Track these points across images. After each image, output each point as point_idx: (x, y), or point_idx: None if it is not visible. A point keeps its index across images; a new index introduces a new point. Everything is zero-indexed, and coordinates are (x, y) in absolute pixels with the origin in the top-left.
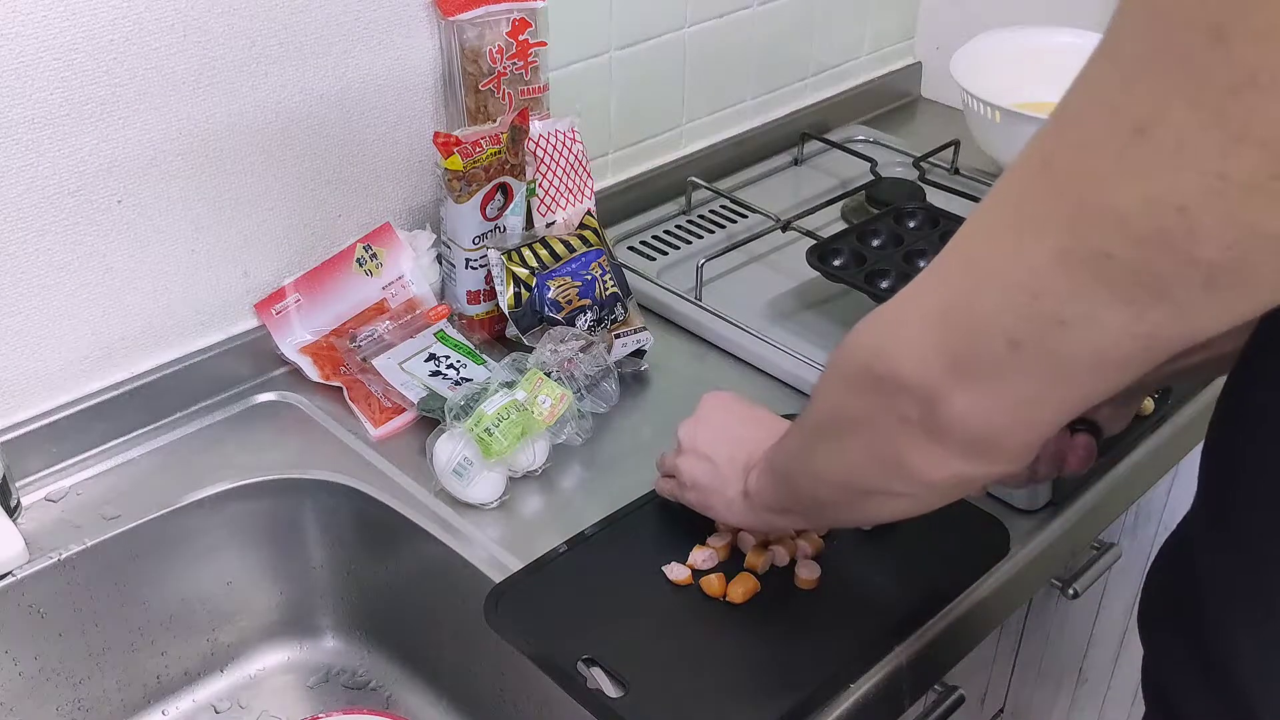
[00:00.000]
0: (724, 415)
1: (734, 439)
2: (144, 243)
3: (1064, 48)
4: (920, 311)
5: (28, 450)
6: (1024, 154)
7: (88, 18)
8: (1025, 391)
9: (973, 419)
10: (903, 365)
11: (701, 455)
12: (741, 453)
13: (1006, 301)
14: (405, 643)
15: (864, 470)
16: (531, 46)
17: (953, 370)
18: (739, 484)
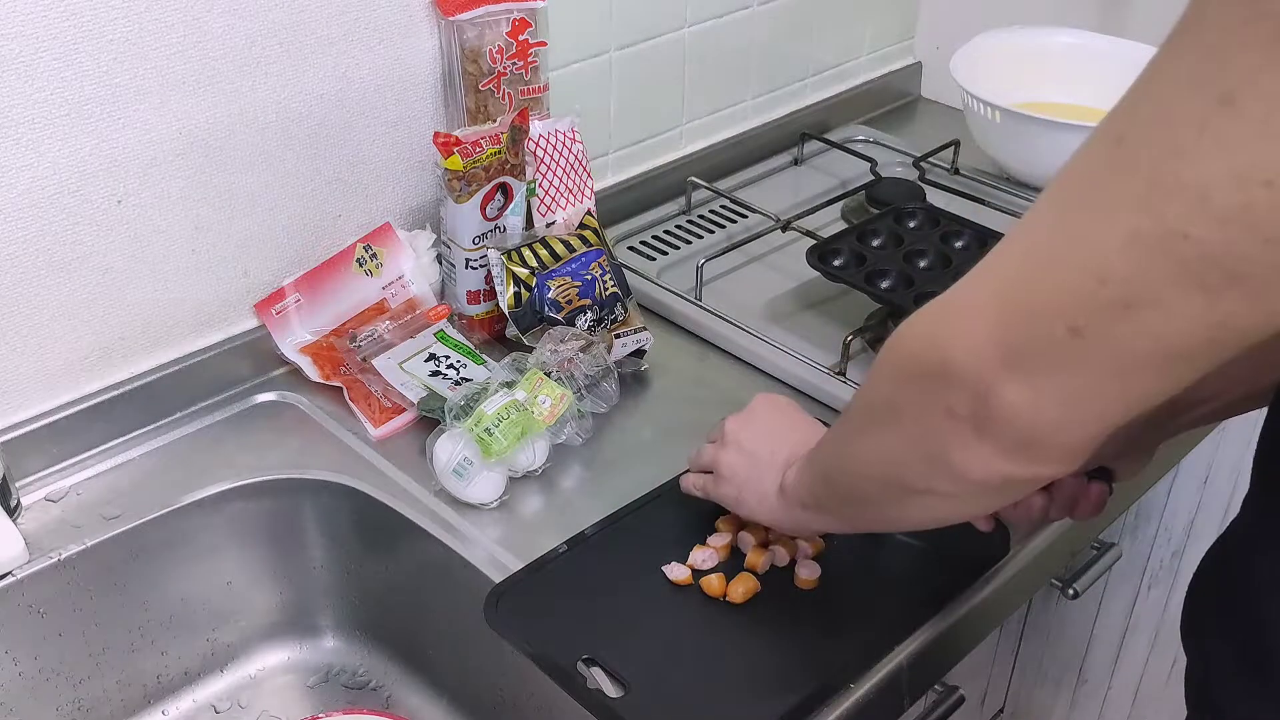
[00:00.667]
0: (774, 414)
1: (780, 437)
2: (144, 243)
3: (1064, 48)
4: (975, 299)
5: (28, 450)
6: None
7: (88, 17)
8: (1082, 384)
9: (1023, 413)
10: (954, 353)
11: (745, 449)
12: (784, 450)
13: (1070, 286)
14: (405, 643)
15: (906, 465)
16: (531, 46)
17: (1006, 360)
18: (776, 479)
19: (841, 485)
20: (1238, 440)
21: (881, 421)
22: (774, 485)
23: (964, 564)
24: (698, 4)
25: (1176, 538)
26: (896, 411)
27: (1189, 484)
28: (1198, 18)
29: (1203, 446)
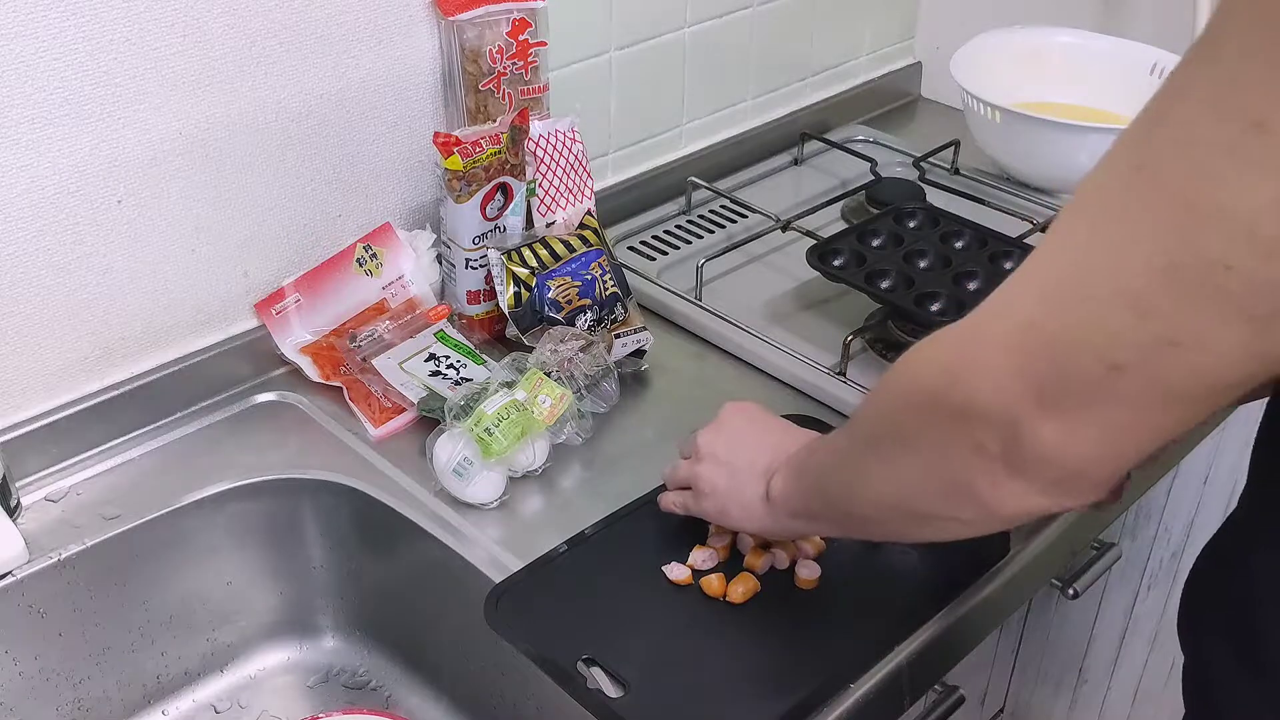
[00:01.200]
0: (744, 422)
1: (755, 445)
2: (144, 243)
3: (1064, 48)
4: (997, 332)
5: (28, 450)
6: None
7: (88, 17)
8: (1121, 419)
9: (1059, 450)
10: (979, 391)
11: (721, 461)
12: (762, 458)
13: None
14: (405, 643)
15: (924, 497)
16: (531, 46)
17: (1039, 398)
18: (758, 487)
19: (842, 503)
20: (1238, 440)
21: (893, 449)
22: (757, 494)
23: (964, 564)
24: (698, 4)
25: (1176, 538)
26: (911, 442)
27: (1189, 484)
28: (1215, 42)
29: (1203, 446)
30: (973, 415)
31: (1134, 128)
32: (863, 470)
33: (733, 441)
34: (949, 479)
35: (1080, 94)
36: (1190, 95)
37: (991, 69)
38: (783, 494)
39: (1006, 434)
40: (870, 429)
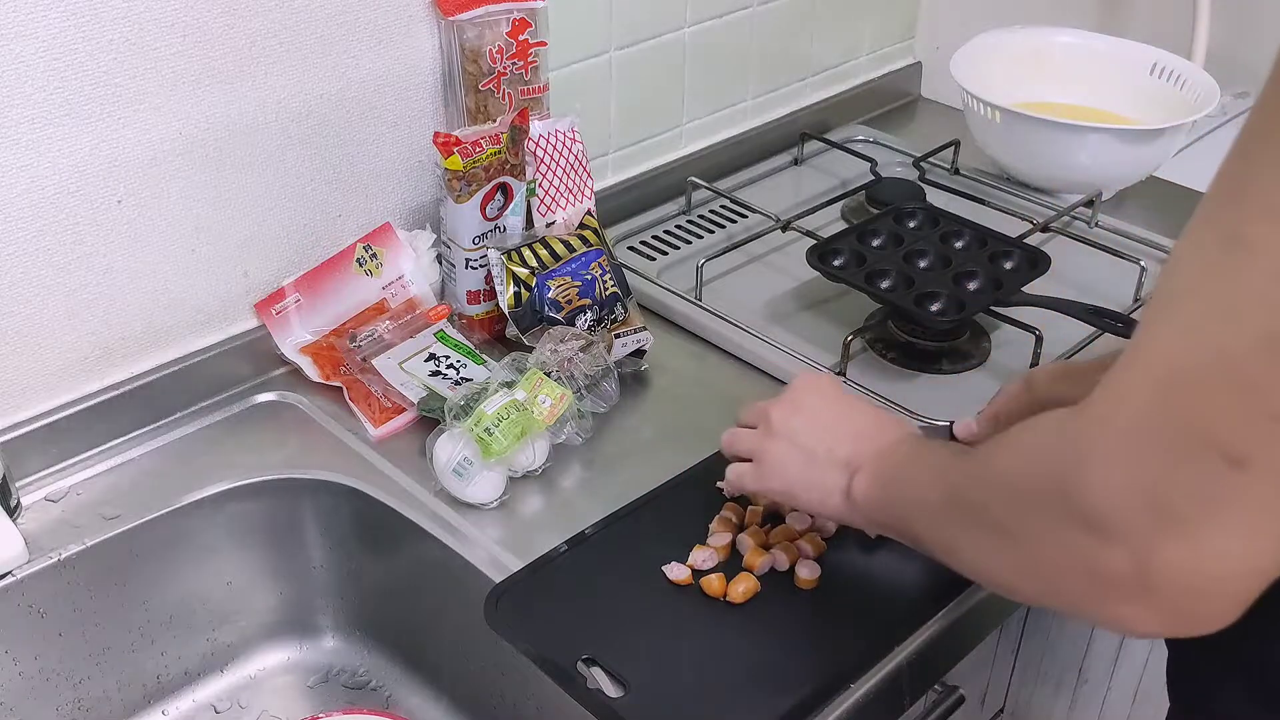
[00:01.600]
0: (821, 402)
1: (835, 431)
2: (144, 243)
3: (1064, 48)
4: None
5: (28, 450)
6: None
7: (87, 18)
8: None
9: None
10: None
11: (797, 444)
12: (843, 447)
13: (1219, 407)
14: (405, 643)
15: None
16: (531, 46)
17: (1160, 512)
18: (839, 480)
19: (932, 551)
20: None
21: (994, 539)
22: (837, 486)
23: None
24: (698, 4)
25: None
26: (1018, 540)
27: None
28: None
29: None
30: (1091, 534)
31: (1214, 198)
32: (956, 543)
33: (809, 423)
34: (1057, 588)
35: (1080, 94)
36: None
37: (991, 69)
38: (866, 500)
39: (1130, 559)
40: (968, 509)
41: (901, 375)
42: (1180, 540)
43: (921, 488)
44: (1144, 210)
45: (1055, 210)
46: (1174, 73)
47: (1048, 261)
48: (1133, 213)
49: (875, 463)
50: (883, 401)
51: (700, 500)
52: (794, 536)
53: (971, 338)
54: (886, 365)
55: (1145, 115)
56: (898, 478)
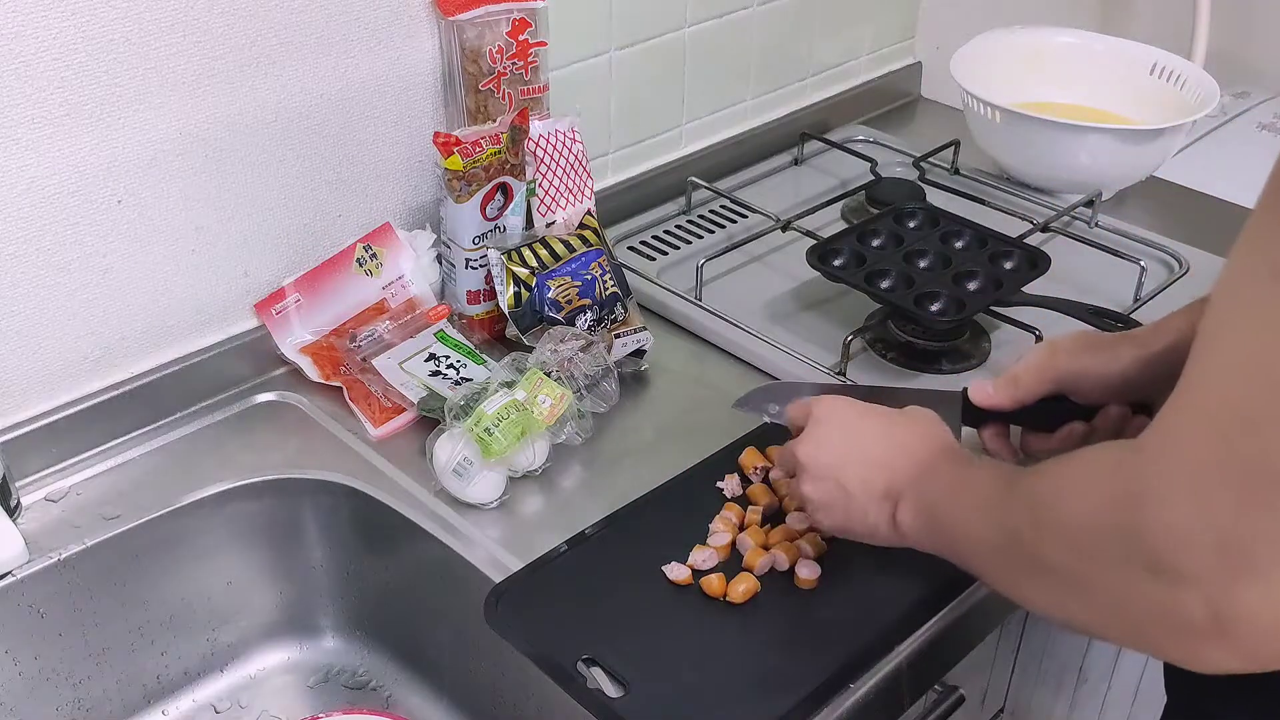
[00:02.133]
0: (840, 432)
1: (863, 461)
2: (144, 243)
3: (1064, 48)
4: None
5: (28, 450)
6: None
7: (87, 18)
8: None
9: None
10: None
11: (831, 480)
12: (877, 477)
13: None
14: (405, 643)
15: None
16: (531, 46)
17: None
18: (882, 511)
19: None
20: None
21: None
22: (882, 519)
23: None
24: (698, 4)
25: None
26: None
27: None
28: None
29: None
30: (1164, 582)
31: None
32: (1022, 589)
33: (838, 457)
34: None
35: (1080, 94)
36: None
37: (991, 69)
38: (916, 534)
39: (1207, 606)
40: (1030, 557)
41: (901, 375)
42: (1256, 584)
43: (973, 526)
44: (1144, 210)
45: (1055, 210)
46: (1174, 73)
47: (1048, 261)
48: (1133, 213)
49: (915, 491)
50: None
51: (700, 500)
52: (794, 536)
53: (971, 338)
54: (886, 365)
55: (1145, 115)
56: (945, 512)
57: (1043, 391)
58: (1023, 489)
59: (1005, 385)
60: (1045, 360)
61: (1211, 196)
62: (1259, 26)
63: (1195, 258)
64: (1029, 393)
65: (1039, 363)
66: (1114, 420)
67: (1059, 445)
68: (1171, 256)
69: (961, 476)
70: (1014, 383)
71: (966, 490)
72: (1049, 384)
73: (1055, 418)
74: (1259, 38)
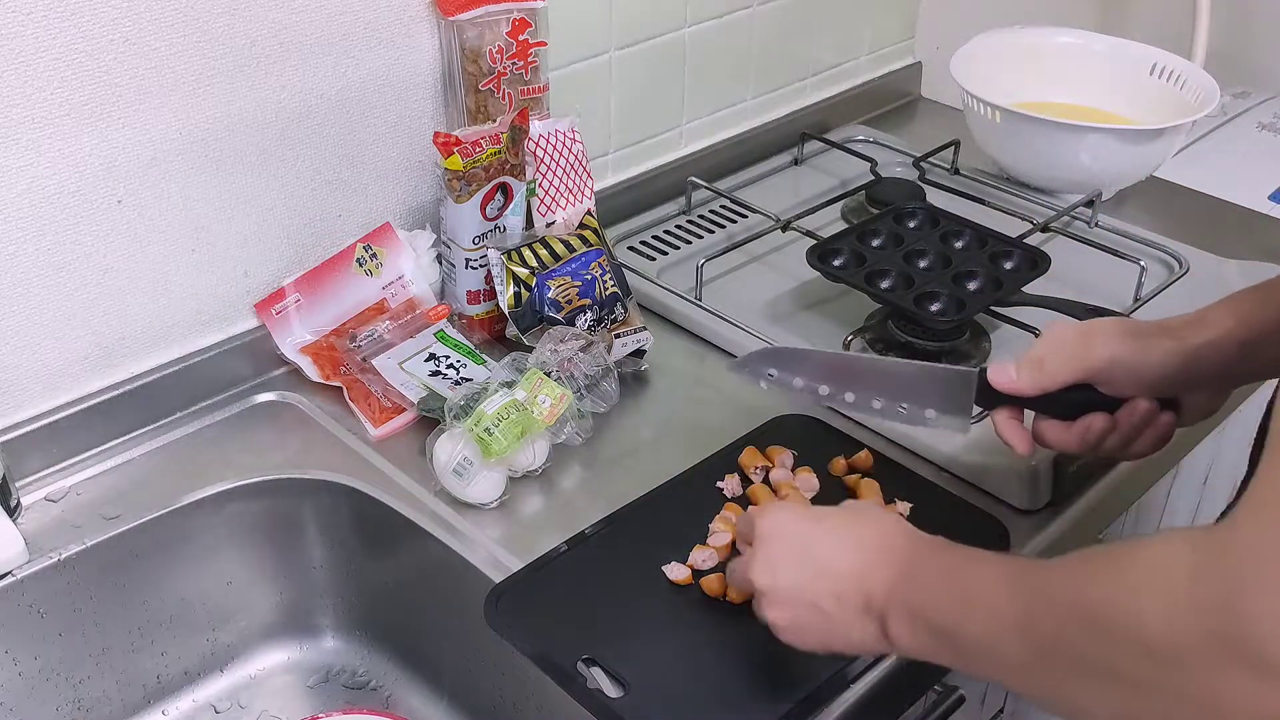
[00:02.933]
0: (790, 549)
1: (825, 572)
2: (144, 243)
3: (1064, 48)
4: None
5: (28, 450)
6: None
7: (87, 18)
8: None
9: None
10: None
11: (798, 603)
12: (851, 589)
13: None
14: (405, 643)
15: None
16: (531, 46)
17: None
18: (869, 629)
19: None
20: (1238, 440)
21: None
22: (870, 635)
23: None
24: (698, 4)
25: None
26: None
27: (1189, 484)
28: None
29: (1203, 446)
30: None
31: None
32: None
33: (798, 578)
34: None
35: (1080, 94)
36: None
37: (991, 69)
38: (916, 650)
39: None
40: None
41: None
42: None
43: (997, 640)
44: (1144, 210)
45: (1055, 210)
46: (1174, 73)
47: (1048, 261)
48: (1133, 213)
49: (903, 602)
50: None
51: (700, 500)
52: None
53: (971, 338)
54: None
55: (1145, 115)
56: (952, 624)
57: (1069, 380)
58: (1066, 599)
59: (1030, 370)
60: (1077, 347)
61: (1211, 196)
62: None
63: (1195, 258)
64: (1054, 380)
65: (1069, 348)
66: (1140, 415)
67: (1077, 438)
68: (1171, 256)
69: (958, 579)
70: (1039, 368)
71: (972, 596)
72: (1078, 373)
73: (1077, 407)
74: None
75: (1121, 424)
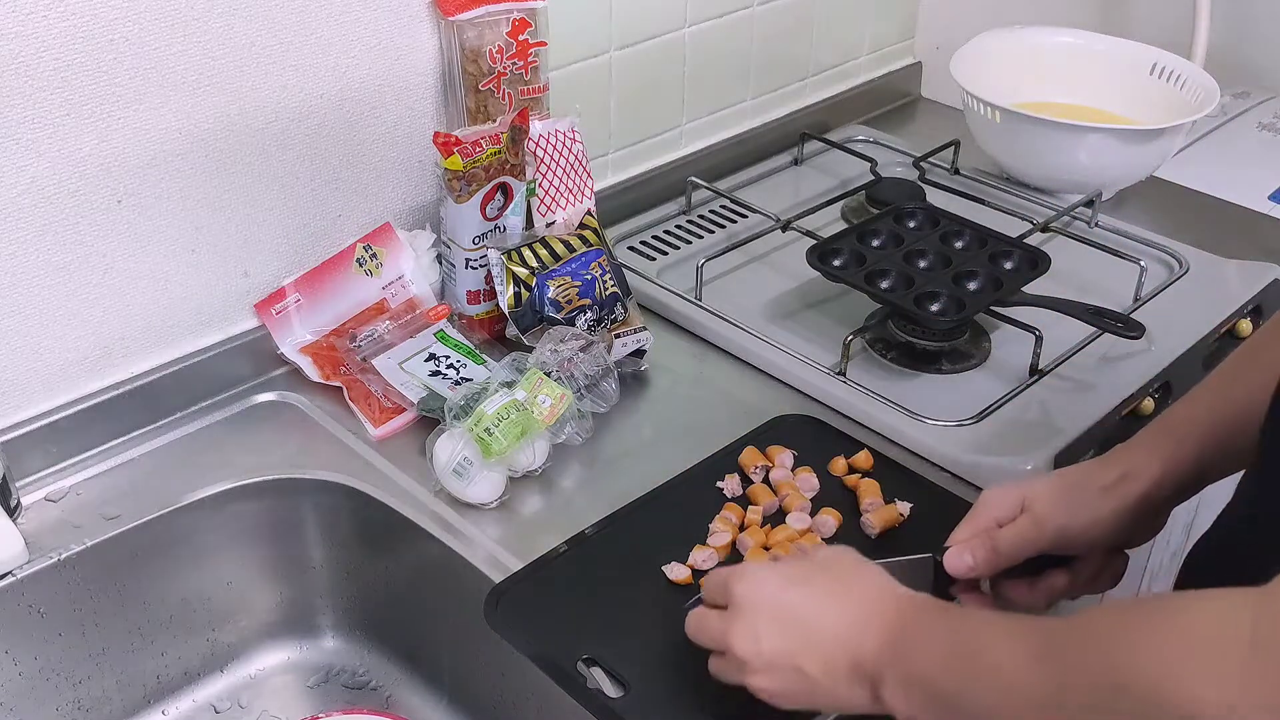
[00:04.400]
0: (772, 613)
1: (811, 640)
2: (144, 243)
3: (1064, 48)
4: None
5: (28, 450)
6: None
7: (87, 18)
8: None
9: None
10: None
11: (783, 669)
12: (839, 655)
13: None
14: (405, 643)
15: None
16: (531, 46)
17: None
18: (859, 695)
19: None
20: None
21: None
22: (860, 701)
23: None
24: (698, 4)
25: (1176, 538)
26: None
27: None
28: None
29: None
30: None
31: None
32: None
33: (782, 646)
34: None
35: (1080, 94)
36: None
37: (991, 69)
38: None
39: None
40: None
41: (901, 375)
42: None
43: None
44: (1144, 210)
45: (1055, 210)
46: (1174, 73)
47: (1048, 261)
48: (1133, 213)
49: (899, 669)
50: (882, 401)
51: (700, 500)
52: (794, 537)
53: (971, 338)
54: (886, 365)
55: (1145, 115)
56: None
57: (1026, 556)
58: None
59: (984, 556)
60: (1028, 531)
61: (1211, 196)
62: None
63: (1195, 258)
64: (1011, 561)
65: (1022, 533)
66: (1095, 566)
67: (1042, 598)
68: (1171, 256)
69: (962, 645)
70: (994, 553)
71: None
72: (1033, 549)
73: (1033, 566)
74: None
75: (1081, 573)
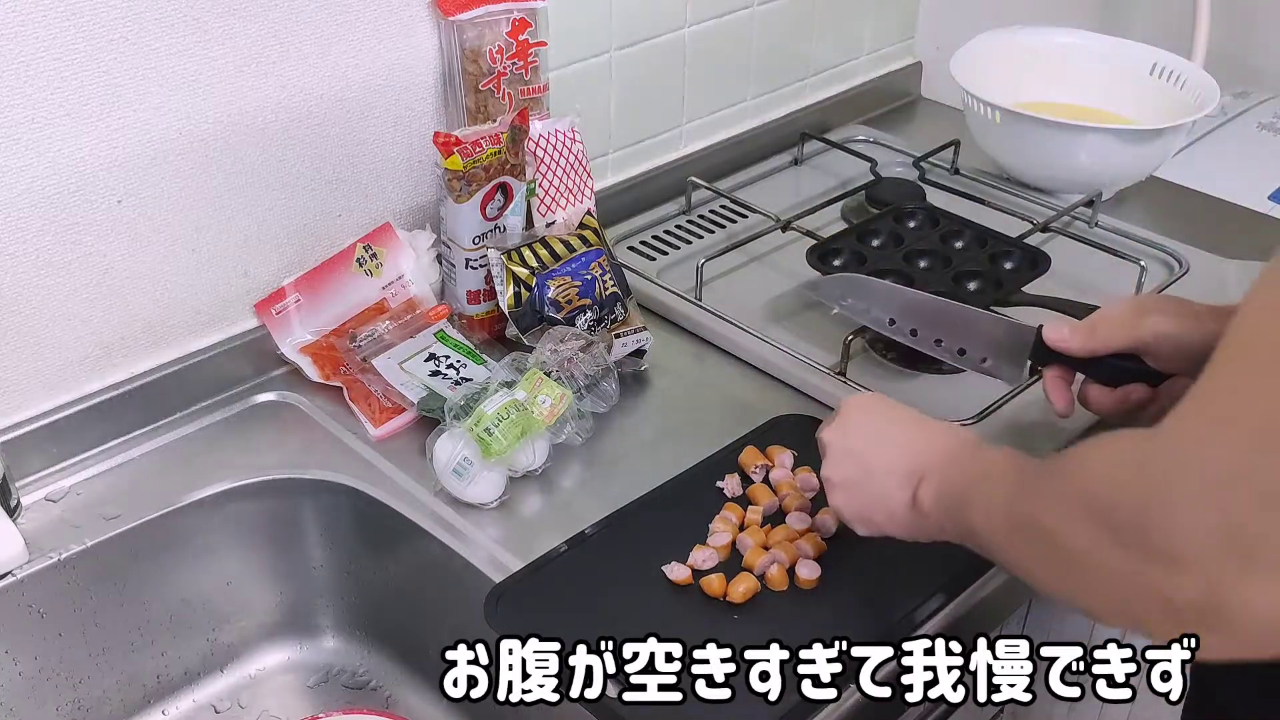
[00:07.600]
0: (868, 418)
1: (888, 443)
2: (144, 243)
3: (1064, 48)
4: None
5: (28, 450)
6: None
7: (87, 18)
8: None
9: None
10: (1179, 543)
11: (853, 462)
12: (901, 460)
13: None
14: (405, 643)
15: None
16: (531, 46)
17: (1246, 559)
18: (904, 494)
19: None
20: None
21: (1062, 565)
22: (902, 501)
23: (964, 564)
24: (698, 4)
25: None
26: (1084, 566)
27: None
28: None
29: None
30: (1167, 567)
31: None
32: (1030, 569)
33: (861, 441)
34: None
35: (1080, 94)
36: None
37: (991, 69)
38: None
39: (1205, 593)
40: (1040, 534)
41: (901, 375)
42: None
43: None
44: (1144, 210)
45: (1055, 210)
46: (1174, 73)
47: (1048, 261)
48: (1133, 213)
49: (940, 474)
50: None
51: (700, 500)
52: (794, 537)
53: None
54: (886, 365)
55: (1145, 115)
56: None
57: (1118, 346)
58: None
59: (1082, 332)
60: (1129, 316)
61: (1211, 196)
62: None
63: (1195, 258)
64: (1104, 345)
65: (1121, 318)
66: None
67: (1117, 403)
68: (1171, 256)
69: (985, 461)
70: (1091, 332)
71: (988, 473)
72: (1127, 341)
73: (1123, 375)
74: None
75: (1162, 397)
